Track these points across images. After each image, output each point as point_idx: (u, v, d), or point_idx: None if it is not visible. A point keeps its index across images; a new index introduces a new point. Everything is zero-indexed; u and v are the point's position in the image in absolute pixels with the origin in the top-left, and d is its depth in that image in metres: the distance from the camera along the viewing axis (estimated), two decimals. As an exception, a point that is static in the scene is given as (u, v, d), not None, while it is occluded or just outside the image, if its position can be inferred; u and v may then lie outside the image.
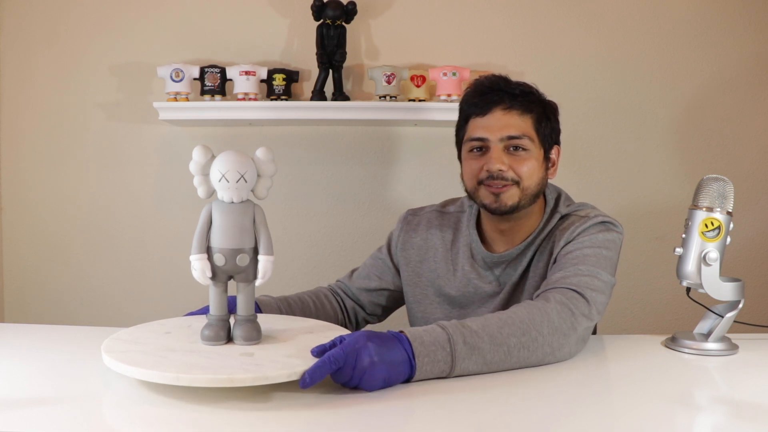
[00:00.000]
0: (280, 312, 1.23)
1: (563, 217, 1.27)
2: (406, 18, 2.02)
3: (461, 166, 1.30)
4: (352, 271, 1.43)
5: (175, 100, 1.87)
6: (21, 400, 0.85)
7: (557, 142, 1.31)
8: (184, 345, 0.94)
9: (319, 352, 0.88)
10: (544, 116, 1.26)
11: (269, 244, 0.95)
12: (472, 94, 1.28)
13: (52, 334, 1.19)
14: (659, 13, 2.01)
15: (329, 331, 1.02)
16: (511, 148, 1.22)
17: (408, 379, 0.91)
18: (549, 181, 1.31)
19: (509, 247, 1.28)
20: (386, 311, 1.43)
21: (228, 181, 0.91)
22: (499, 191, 1.22)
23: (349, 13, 1.87)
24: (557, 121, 1.30)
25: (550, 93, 1.32)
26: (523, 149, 1.23)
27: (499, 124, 1.22)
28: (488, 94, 1.25)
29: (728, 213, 1.13)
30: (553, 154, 1.30)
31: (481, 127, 1.24)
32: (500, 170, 1.21)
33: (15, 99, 2.04)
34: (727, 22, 2.00)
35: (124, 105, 2.04)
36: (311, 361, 0.86)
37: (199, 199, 0.95)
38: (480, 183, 1.24)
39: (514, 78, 1.29)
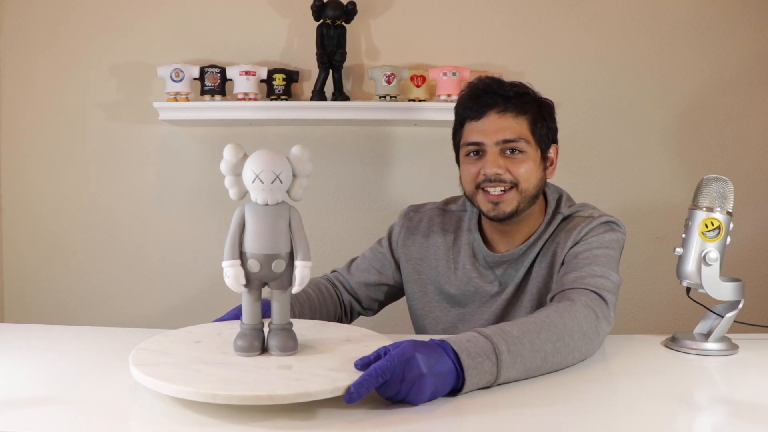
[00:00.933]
0: (292, 311, 1.22)
1: (566, 219, 1.27)
2: (406, 18, 2.02)
3: (459, 169, 1.30)
4: (351, 263, 1.42)
5: (175, 100, 1.87)
6: (21, 400, 0.85)
7: (555, 141, 1.30)
8: (217, 356, 0.89)
9: (363, 365, 0.83)
10: (540, 116, 1.26)
11: (307, 249, 0.89)
12: (467, 97, 1.28)
13: (51, 334, 1.19)
14: (659, 13, 2.01)
15: (367, 340, 0.98)
16: (508, 151, 1.22)
17: (452, 390, 0.86)
18: (549, 180, 1.31)
19: (510, 248, 1.28)
20: (382, 306, 1.44)
21: (262, 182, 0.86)
22: (498, 198, 1.21)
23: (349, 13, 1.86)
24: (554, 120, 1.30)
25: (550, 93, 1.31)
26: (520, 151, 1.22)
27: (494, 128, 1.22)
28: (482, 97, 1.24)
29: (728, 213, 1.13)
30: (551, 153, 1.29)
31: (477, 131, 1.24)
32: (497, 174, 1.21)
33: (15, 99, 2.04)
34: (727, 22, 2.00)
35: (124, 105, 2.04)
36: (354, 373, 0.81)
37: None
38: (478, 187, 1.24)
39: (513, 78, 1.29)
